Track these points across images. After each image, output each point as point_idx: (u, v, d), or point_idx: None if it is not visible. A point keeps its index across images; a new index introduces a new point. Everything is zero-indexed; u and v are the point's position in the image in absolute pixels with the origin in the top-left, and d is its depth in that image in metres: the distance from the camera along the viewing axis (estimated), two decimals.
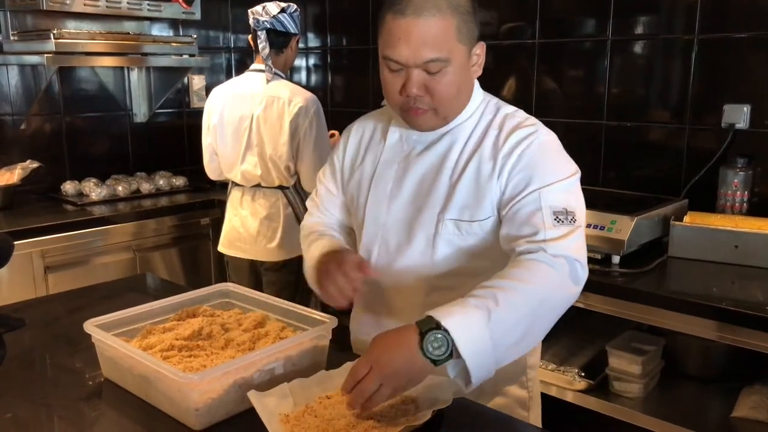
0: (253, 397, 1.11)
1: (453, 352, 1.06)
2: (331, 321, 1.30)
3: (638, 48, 2.56)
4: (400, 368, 1.06)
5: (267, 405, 1.11)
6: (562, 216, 1.21)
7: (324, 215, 1.54)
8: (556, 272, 1.16)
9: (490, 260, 1.28)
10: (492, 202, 1.29)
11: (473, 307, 1.08)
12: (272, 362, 1.20)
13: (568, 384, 2.13)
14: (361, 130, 1.50)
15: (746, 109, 2.29)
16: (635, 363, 2.04)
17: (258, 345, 1.27)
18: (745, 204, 2.25)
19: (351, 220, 1.51)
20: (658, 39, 2.50)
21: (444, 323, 1.05)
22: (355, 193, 1.46)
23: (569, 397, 2.12)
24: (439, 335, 1.05)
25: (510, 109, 1.37)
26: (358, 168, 1.46)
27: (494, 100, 1.40)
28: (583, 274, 1.20)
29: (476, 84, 1.38)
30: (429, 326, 1.06)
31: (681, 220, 2.15)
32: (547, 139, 1.30)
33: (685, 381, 2.15)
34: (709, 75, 2.39)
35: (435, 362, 1.06)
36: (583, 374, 2.13)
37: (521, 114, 1.36)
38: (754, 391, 1.99)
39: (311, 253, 1.42)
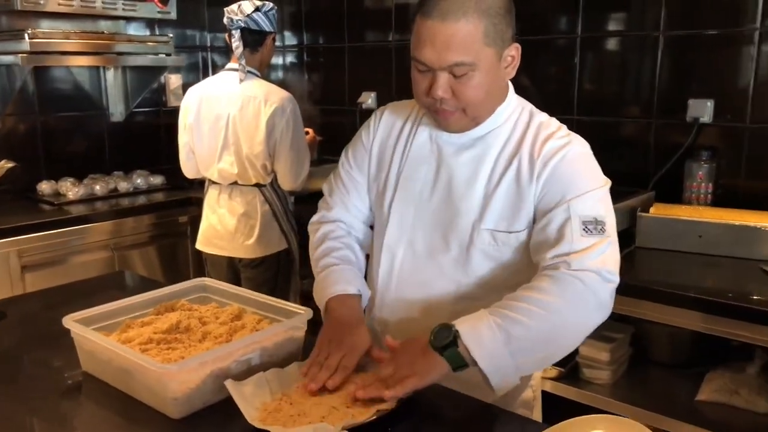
0: (231, 385, 1.14)
1: (460, 346, 1.14)
2: (306, 312, 1.33)
3: (608, 44, 2.63)
4: (415, 357, 1.16)
5: (244, 393, 1.14)
6: (592, 226, 1.21)
7: (341, 209, 1.48)
8: (575, 290, 1.17)
9: (524, 274, 1.26)
10: (528, 212, 1.28)
11: (485, 315, 1.16)
12: (249, 353, 1.23)
13: (540, 371, 2.17)
14: (392, 118, 1.44)
15: (710, 103, 2.36)
16: (604, 350, 2.11)
17: (235, 337, 1.29)
18: (709, 195, 2.33)
19: (372, 210, 1.47)
20: (627, 36, 2.56)
21: (456, 325, 1.16)
22: (380, 188, 1.42)
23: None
24: (445, 330, 1.16)
25: (543, 117, 1.35)
26: (385, 159, 1.42)
27: (529, 106, 1.37)
28: (606, 287, 1.20)
29: (511, 88, 1.35)
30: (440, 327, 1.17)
31: (647, 212, 2.21)
32: (581, 150, 1.29)
33: (653, 367, 2.22)
34: (675, 71, 2.46)
35: (441, 351, 1.14)
36: None
37: (554, 123, 1.34)
38: (717, 375, 2.06)
39: (324, 284, 1.38)
